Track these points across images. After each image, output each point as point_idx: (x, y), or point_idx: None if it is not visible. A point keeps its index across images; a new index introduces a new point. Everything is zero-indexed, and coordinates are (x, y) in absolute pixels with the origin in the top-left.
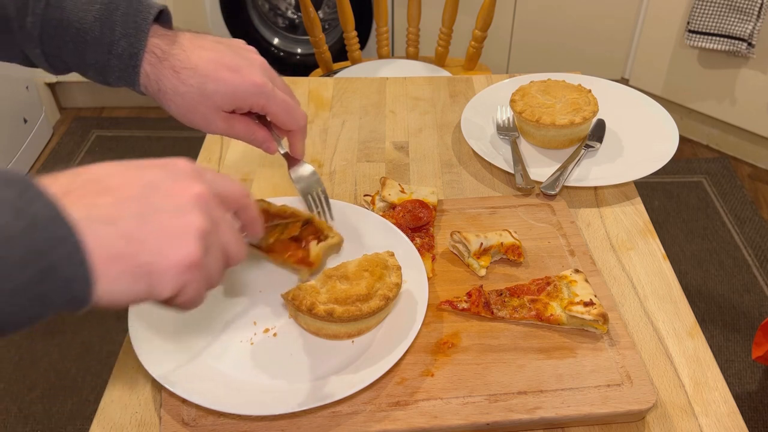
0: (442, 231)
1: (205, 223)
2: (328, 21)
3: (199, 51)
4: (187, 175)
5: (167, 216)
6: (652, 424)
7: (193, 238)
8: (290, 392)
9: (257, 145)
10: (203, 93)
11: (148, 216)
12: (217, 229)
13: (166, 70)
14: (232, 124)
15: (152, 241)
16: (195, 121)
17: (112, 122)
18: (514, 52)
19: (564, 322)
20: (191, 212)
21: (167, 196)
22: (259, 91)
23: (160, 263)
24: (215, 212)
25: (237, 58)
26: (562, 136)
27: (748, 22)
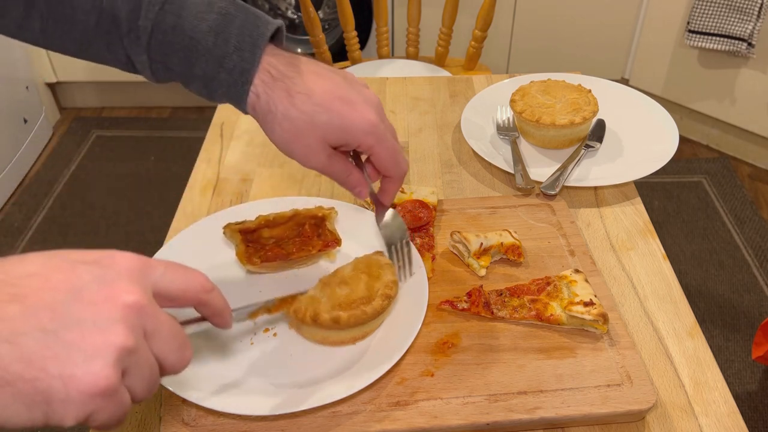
0: (442, 231)
1: (127, 339)
2: (328, 21)
3: (315, 78)
4: (124, 277)
5: (83, 331)
6: (652, 424)
7: (108, 360)
8: (290, 392)
9: (349, 188)
10: (314, 122)
11: (58, 332)
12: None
13: (280, 92)
14: (333, 161)
15: (56, 363)
16: (296, 151)
17: (112, 122)
18: (514, 52)
19: (564, 322)
20: (113, 327)
21: (89, 306)
22: (372, 130)
23: (61, 391)
24: (151, 322)
25: (353, 91)
26: (562, 136)
27: (748, 22)
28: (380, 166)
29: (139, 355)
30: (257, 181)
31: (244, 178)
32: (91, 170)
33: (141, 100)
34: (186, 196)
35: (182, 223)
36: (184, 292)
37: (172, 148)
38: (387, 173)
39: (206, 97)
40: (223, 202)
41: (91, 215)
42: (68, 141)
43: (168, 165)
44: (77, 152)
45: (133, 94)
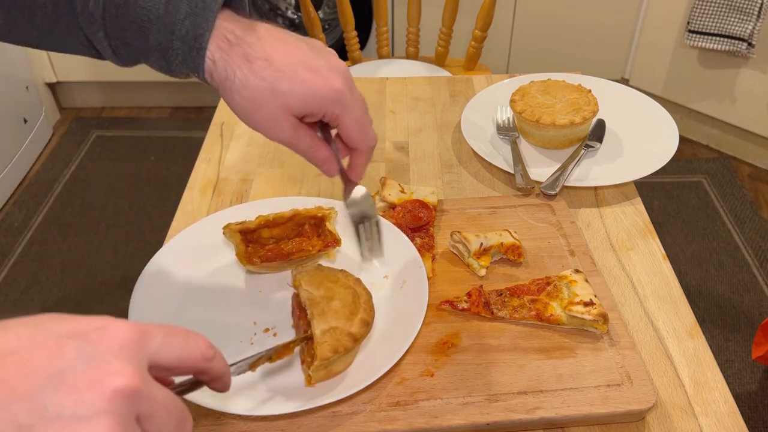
0: (442, 231)
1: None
2: (328, 21)
3: (277, 43)
4: (115, 355)
5: (62, 426)
6: (652, 424)
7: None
8: (290, 392)
9: (318, 163)
10: (275, 90)
11: (35, 426)
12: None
13: (238, 57)
14: (299, 133)
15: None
16: (258, 121)
17: (112, 122)
18: (514, 52)
19: (564, 322)
20: (98, 419)
21: (72, 393)
22: (338, 98)
23: None
24: (145, 406)
25: (318, 58)
26: (562, 136)
27: (748, 22)
28: (347, 138)
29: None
30: (257, 181)
31: (244, 178)
32: (91, 170)
33: (141, 100)
34: (186, 196)
35: (182, 223)
36: (185, 361)
37: (172, 148)
38: (354, 145)
39: (167, 72)
40: (223, 202)
41: (91, 215)
42: (68, 141)
43: (168, 165)
44: (77, 152)
45: (133, 94)
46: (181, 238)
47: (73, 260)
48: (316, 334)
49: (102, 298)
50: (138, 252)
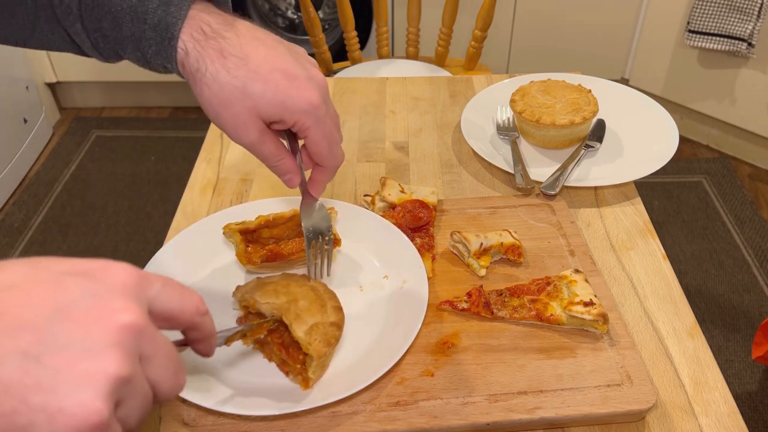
0: (442, 231)
1: (123, 367)
2: (328, 21)
3: (255, 43)
4: (119, 293)
5: (71, 357)
6: (652, 424)
7: (101, 391)
8: (290, 392)
9: (279, 173)
10: (246, 90)
11: (43, 356)
12: (149, 364)
13: (212, 51)
14: (265, 139)
15: (39, 394)
16: (225, 119)
17: (112, 122)
18: (514, 52)
19: (564, 322)
20: (107, 352)
21: (80, 327)
22: (312, 111)
23: (44, 427)
24: (148, 345)
25: (297, 66)
26: (562, 136)
27: (748, 22)
28: (314, 152)
29: (134, 384)
30: (257, 181)
31: (244, 178)
32: (91, 170)
33: (141, 100)
34: (186, 196)
35: (182, 223)
36: (180, 312)
37: (172, 148)
38: (320, 161)
39: (144, 64)
40: (223, 202)
41: (91, 215)
42: (68, 141)
43: (168, 165)
44: (77, 152)
45: (133, 94)
46: (181, 238)
47: None
48: (300, 337)
49: None
50: (138, 252)
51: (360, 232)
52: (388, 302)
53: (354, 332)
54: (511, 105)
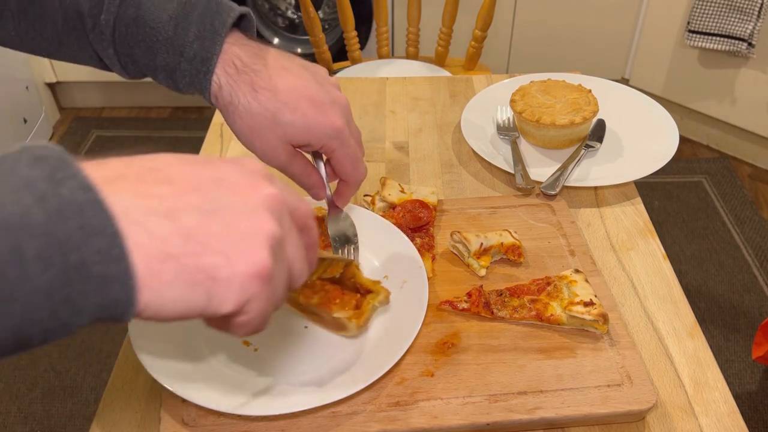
0: (442, 231)
1: (277, 229)
2: (328, 21)
3: (282, 73)
4: (259, 175)
5: (235, 215)
6: (652, 425)
7: (264, 245)
8: (290, 392)
9: (306, 188)
10: (277, 120)
11: (213, 212)
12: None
13: (243, 85)
14: (294, 161)
15: (216, 241)
16: (257, 146)
17: (112, 122)
18: (514, 52)
19: (564, 322)
20: (263, 215)
21: (236, 194)
22: (337, 135)
23: (225, 268)
24: (285, 221)
25: (321, 91)
26: (562, 136)
27: (748, 22)
28: (339, 171)
29: (282, 248)
30: None
31: None
32: None
33: (141, 100)
34: None
35: None
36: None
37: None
38: (345, 178)
39: (174, 89)
40: None
41: None
42: (68, 141)
43: None
44: (77, 152)
45: (133, 94)
46: None
47: None
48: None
49: None
50: None
51: (360, 232)
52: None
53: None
54: (511, 105)
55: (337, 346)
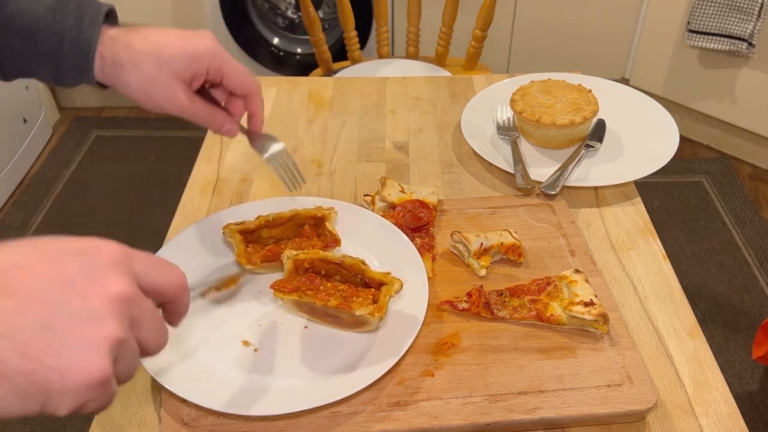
0: (442, 231)
1: (119, 331)
2: (328, 21)
3: (148, 29)
4: (110, 268)
5: (76, 324)
6: (652, 425)
7: (103, 352)
8: (290, 392)
9: (217, 128)
10: (159, 59)
11: (53, 325)
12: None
13: (120, 45)
14: (194, 101)
15: (53, 356)
16: (156, 95)
17: (112, 122)
18: (514, 52)
19: (564, 322)
20: (105, 319)
21: (80, 298)
22: (213, 51)
23: (58, 383)
24: (137, 311)
25: (186, 32)
26: (563, 136)
27: (749, 21)
28: (235, 85)
29: (128, 344)
30: (257, 181)
31: (244, 178)
32: (91, 170)
33: None
34: (186, 196)
35: (182, 223)
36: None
37: (172, 148)
38: (243, 90)
39: (55, 79)
40: (223, 202)
41: (91, 215)
42: (68, 141)
43: (168, 165)
44: (77, 152)
45: None
46: (180, 238)
47: None
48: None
49: None
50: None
51: (360, 232)
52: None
53: (353, 333)
54: (511, 105)
55: (337, 346)
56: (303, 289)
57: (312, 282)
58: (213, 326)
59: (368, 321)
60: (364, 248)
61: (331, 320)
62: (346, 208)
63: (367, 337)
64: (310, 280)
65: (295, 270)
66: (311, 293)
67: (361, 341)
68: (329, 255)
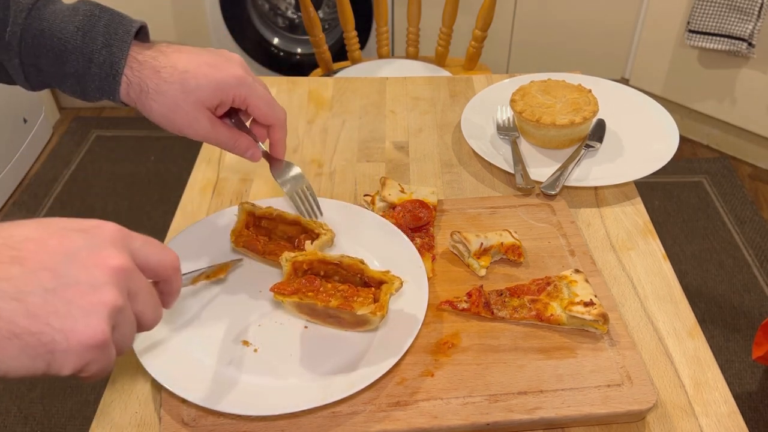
0: (442, 231)
1: (117, 299)
2: (328, 21)
3: (178, 54)
4: (110, 244)
5: (79, 291)
6: (652, 425)
7: (103, 316)
8: (290, 392)
9: (240, 152)
10: (185, 89)
11: (58, 290)
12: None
13: (147, 71)
14: (217, 126)
15: (58, 318)
16: (179, 122)
17: (112, 122)
18: (514, 52)
19: (564, 322)
20: (105, 287)
21: (83, 268)
22: (240, 82)
23: (63, 343)
24: (134, 284)
25: (215, 56)
26: (563, 136)
27: (749, 22)
28: (259, 116)
29: (126, 313)
30: (257, 181)
31: (244, 178)
32: (91, 170)
33: None
34: (186, 196)
35: (182, 223)
36: (159, 264)
37: (172, 148)
38: (267, 121)
39: (80, 96)
40: (223, 202)
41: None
42: (68, 141)
43: (168, 165)
44: (77, 152)
45: None
46: (180, 238)
47: None
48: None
49: None
50: None
51: (360, 232)
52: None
53: (353, 332)
54: (511, 105)
55: (337, 346)
56: (303, 291)
57: (312, 283)
58: (213, 326)
59: (370, 320)
60: (364, 248)
61: (332, 321)
62: (346, 208)
63: (367, 337)
64: (310, 282)
65: (294, 272)
66: (312, 295)
67: (361, 341)
68: (328, 256)
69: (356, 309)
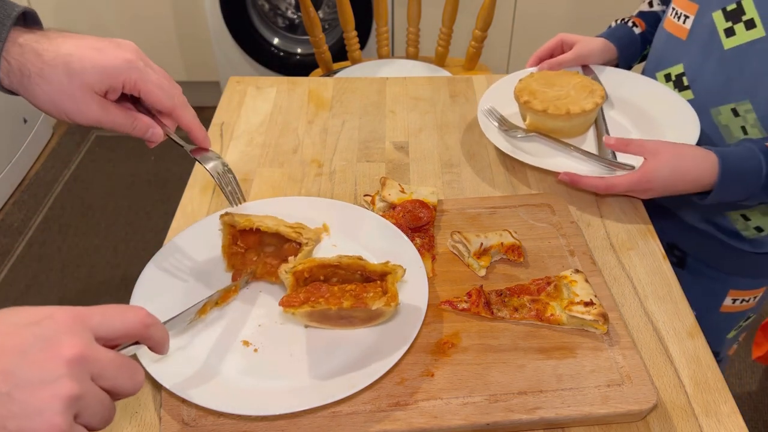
0: (442, 231)
1: (73, 388)
2: (328, 21)
3: (62, 38)
4: (64, 333)
5: (31, 390)
6: (652, 425)
7: (57, 410)
8: (290, 392)
9: (141, 133)
10: (69, 71)
11: (12, 393)
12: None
13: (29, 54)
14: (109, 109)
15: (15, 420)
16: (66, 107)
17: None
18: (514, 52)
19: (564, 322)
20: (59, 381)
21: (36, 365)
22: (130, 66)
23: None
24: (95, 365)
25: (104, 41)
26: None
27: None
28: (155, 102)
29: (88, 398)
30: (257, 181)
31: (244, 178)
32: (91, 170)
33: None
34: (186, 196)
35: (182, 223)
36: (125, 332)
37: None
38: (163, 106)
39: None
40: (223, 202)
41: (91, 215)
42: (68, 141)
43: (168, 165)
44: (77, 152)
45: None
46: (180, 238)
47: (73, 260)
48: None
49: (102, 298)
50: (138, 252)
51: (360, 232)
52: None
53: (354, 332)
54: (526, 106)
55: (337, 346)
56: (312, 299)
57: (318, 290)
58: (213, 327)
59: (384, 312)
60: (363, 248)
61: (344, 322)
62: (346, 208)
63: (367, 336)
64: (316, 288)
65: (296, 282)
66: (322, 301)
67: (361, 341)
68: (326, 259)
69: (371, 305)
